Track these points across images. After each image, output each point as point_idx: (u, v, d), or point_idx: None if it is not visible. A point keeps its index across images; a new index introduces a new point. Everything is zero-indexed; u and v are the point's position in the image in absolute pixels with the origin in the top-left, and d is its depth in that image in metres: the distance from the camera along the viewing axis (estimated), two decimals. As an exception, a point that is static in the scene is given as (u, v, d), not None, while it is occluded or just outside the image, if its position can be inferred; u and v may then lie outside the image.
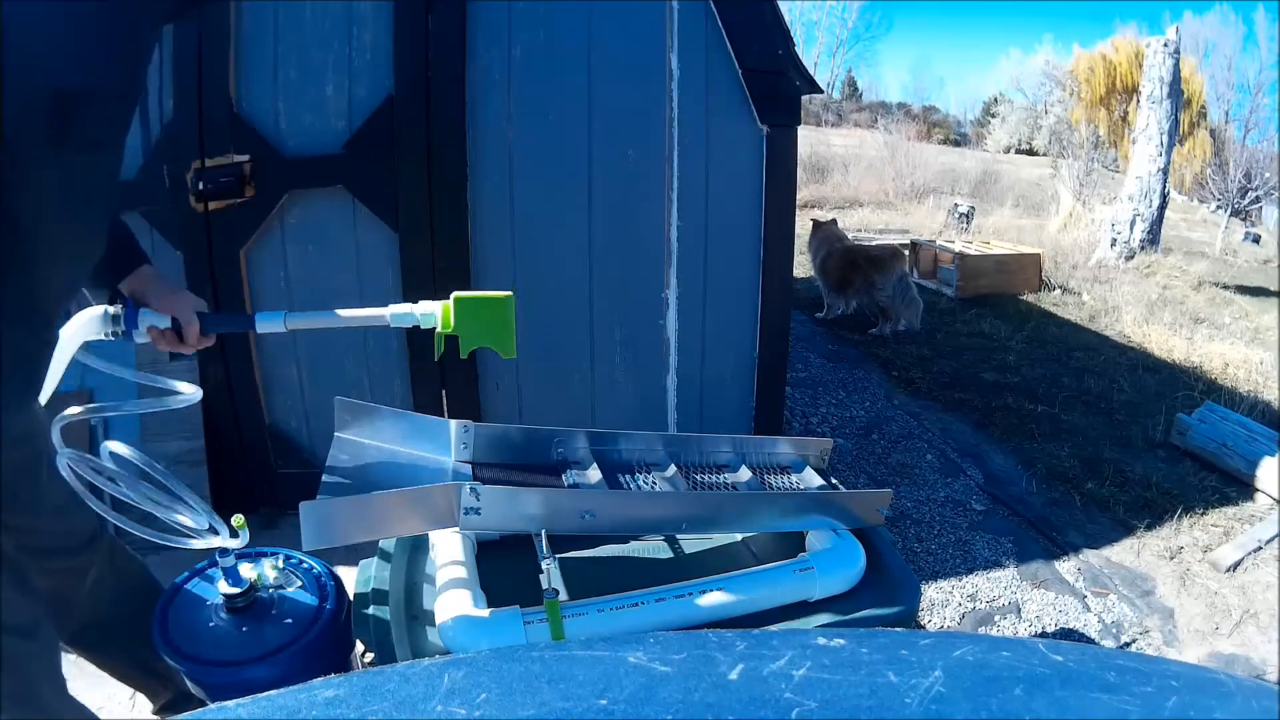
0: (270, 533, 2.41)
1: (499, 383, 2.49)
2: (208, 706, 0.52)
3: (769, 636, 0.55)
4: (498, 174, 2.31)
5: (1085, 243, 8.17)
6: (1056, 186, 11.19)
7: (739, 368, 2.57)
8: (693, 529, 1.22)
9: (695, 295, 2.47)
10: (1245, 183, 11.81)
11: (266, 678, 1.14)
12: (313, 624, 1.21)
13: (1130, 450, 3.42)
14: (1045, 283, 6.46)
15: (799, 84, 2.31)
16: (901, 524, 2.74)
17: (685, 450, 1.38)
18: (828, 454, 1.45)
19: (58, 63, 0.90)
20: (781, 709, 0.45)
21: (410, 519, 1.02)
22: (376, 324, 1.22)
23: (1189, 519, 2.83)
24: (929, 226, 9.54)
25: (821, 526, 1.25)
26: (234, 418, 2.40)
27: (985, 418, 3.72)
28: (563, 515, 1.08)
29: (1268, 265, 9.33)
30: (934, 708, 0.46)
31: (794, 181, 2.46)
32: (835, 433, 3.46)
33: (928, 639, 0.56)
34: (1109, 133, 16.48)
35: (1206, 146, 15.53)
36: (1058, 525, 2.80)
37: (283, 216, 2.28)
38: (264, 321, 1.20)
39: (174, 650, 1.18)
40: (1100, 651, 0.61)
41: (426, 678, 0.50)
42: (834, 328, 5.19)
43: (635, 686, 0.47)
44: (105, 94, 0.96)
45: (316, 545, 0.95)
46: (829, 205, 10.60)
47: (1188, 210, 14.22)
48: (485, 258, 2.36)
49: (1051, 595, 2.39)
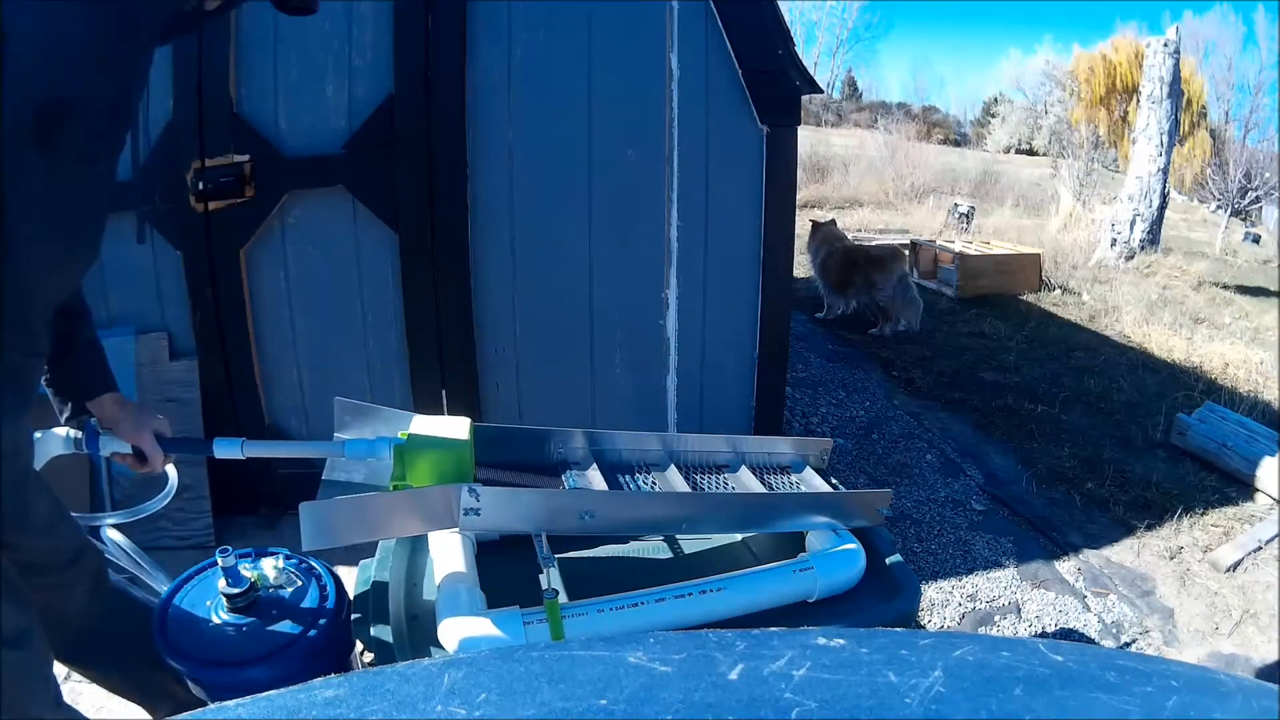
0: (270, 533, 2.41)
1: (499, 383, 2.49)
2: (208, 706, 0.52)
3: (769, 636, 0.55)
4: (498, 174, 2.31)
5: (1085, 243, 8.17)
6: (1056, 186, 11.19)
7: (739, 368, 2.57)
8: (693, 529, 1.23)
9: (695, 295, 2.47)
10: (1245, 183, 11.81)
11: (266, 678, 1.14)
12: (313, 624, 1.21)
13: (1130, 450, 3.42)
14: (1045, 283, 6.46)
15: (799, 84, 2.31)
16: (901, 524, 2.74)
17: (685, 450, 1.38)
18: (828, 454, 1.45)
19: (44, 70, 0.90)
20: (781, 709, 0.45)
21: (410, 519, 1.02)
22: (331, 454, 1.20)
23: (1189, 519, 2.83)
24: (929, 226, 9.53)
25: (821, 526, 1.25)
26: (234, 418, 2.40)
27: (985, 418, 3.72)
28: (563, 515, 1.08)
29: (1268, 265, 9.33)
30: (934, 708, 0.46)
31: (794, 181, 2.46)
32: (835, 433, 3.46)
33: (928, 639, 0.56)
34: (1109, 133, 16.50)
35: (1206, 146, 15.54)
36: (1058, 525, 2.80)
37: (283, 216, 2.28)
38: (222, 448, 1.20)
39: (174, 650, 1.18)
40: (1100, 651, 0.61)
41: (426, 678, 0.50)
42: (834, 328, 5.19)
43: (635, 686, 0.47)
44: (92, 106, 0.96)
45: (316, 545, 0.95)
46: (829, 205, 10.60)
47: (1188, 210, 14.22)
48: (485, 258, 2.36)
49: (1051, 595, 2.39)
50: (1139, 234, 7.76)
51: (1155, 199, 7.76)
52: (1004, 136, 22.72)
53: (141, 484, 2.30)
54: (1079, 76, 17.49)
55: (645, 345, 2.50)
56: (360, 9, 2.18)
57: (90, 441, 1.19)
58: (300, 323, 2.37)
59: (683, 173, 2.36)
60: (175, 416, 2.32)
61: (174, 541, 2.30)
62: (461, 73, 2.22)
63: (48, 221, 0.98)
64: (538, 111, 2.29)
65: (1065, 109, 19.12)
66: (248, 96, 2.21)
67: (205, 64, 2.15)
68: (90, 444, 1.19)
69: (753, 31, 2.26)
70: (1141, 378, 4.37)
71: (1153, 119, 7.67)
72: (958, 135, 24.85)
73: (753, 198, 2.40)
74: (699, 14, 2.25)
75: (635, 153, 2.34)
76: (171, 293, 2.30)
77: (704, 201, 2.39)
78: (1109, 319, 5.66)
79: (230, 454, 1.20)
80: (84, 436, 1.19)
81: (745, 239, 2.44)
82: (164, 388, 2.30)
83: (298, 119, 2.23)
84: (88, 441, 1.19)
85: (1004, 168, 15.08)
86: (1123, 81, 16.17)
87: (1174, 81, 7.65)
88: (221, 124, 2.18)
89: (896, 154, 13.00)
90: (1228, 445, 3.20)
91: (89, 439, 1.19)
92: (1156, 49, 7.70)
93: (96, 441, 1.19)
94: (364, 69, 2.21)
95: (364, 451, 1.16)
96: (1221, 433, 3.26)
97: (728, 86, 2.30)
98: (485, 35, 2.23)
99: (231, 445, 1.20)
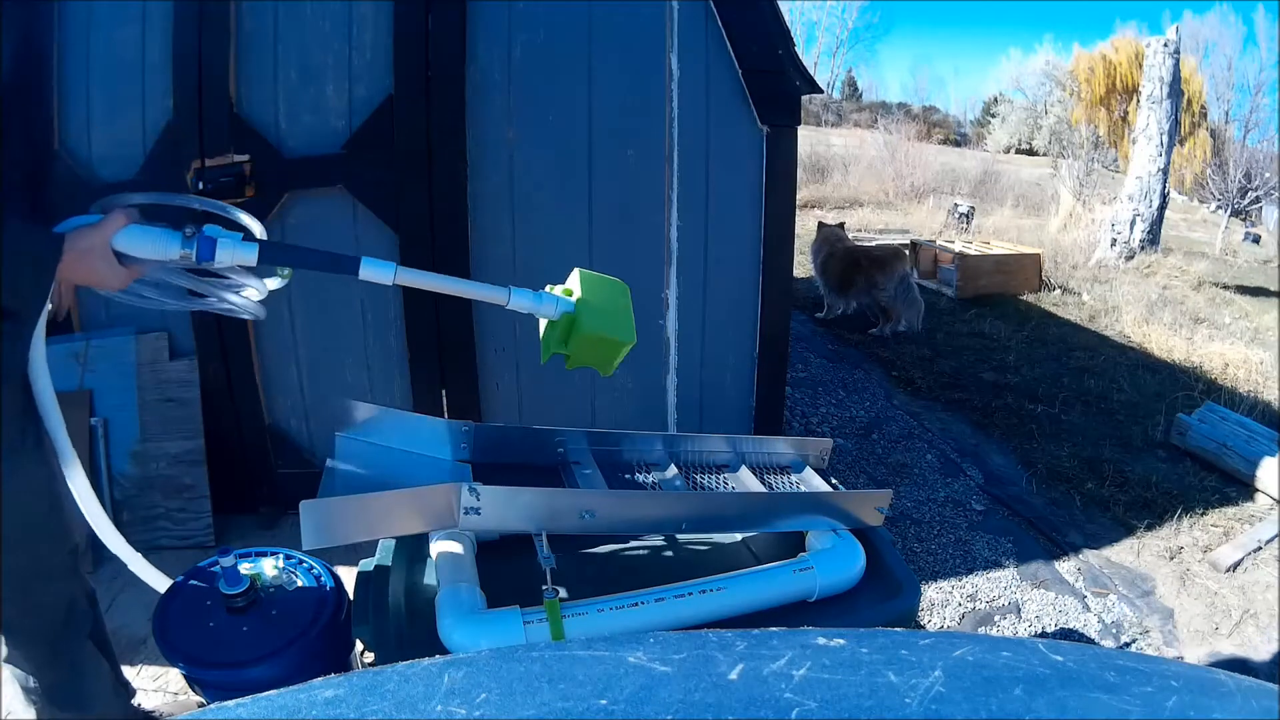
0: (270, 533, 2.41)
1: (499, 383, 2.49)
2: (208, 706, 0.52)
3: (769, 636, 0.55)
4: (498, 174, 2.31)
5: (1085, 243, 8.17)
6: (1056, 186, 11.18)
7: (739, 368, 2.57)
8: (693, 529, 1.22)
9: (695, 295, 2.47)
10: (1245, 183, 11.81)
11: (266, 678, 1.14)
12: (313, 624, 1.22)
13: (1130, 450, 3.42)
14: (1045, 283, 6.46)
15: (799, 84, 2.31)
16: (901, 524, 2.74)
17: (685, 450, 1.38)
18: (828, 454, 1.45)
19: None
20: (781, 709, 0.45)
21: (410, 519, 1.02)
22: (493, 301, 1.12)
23: (1189, 519, 2.83)
24: (929, 226, 9.53)
25: (821, 526, 1.25)
26: (234, 418, 2.40)
27: (985, 418, 3.72)
28: (563, 515, 1.08)
29: (1268, 265, 9.33)
30: (934, 708, 0.46)
31: (794, 182, 2.46)
32: (835, 433, 3.46)
33: (928, 639, 0.56)
34: (1109, 133, 16.51)
35: (1206, 146, 15.54)
36: (1058, 525, 2.80)
37: (283, 216, 2.28)
38: (370, 268, 1.06)
39: (174, 650, 1.18)
40: (1100, 651, 0.61)
41: (426, 678, 0.50)
42: (834, 328, 5.18)
43: (635, 686, 0.47)
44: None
45: (316, 545, 0.95)
46: (829, 205, 10.60)
47: (1188, 210, 14.22)
48: (485, 258, 2.36)
49: (1051, 595, 2.39)
50: (1139, 234, 7.76)
51: (1155, 199, 7.76)
52: (1004, 136, 22.71)
53: (142, 484, 2.30)
54: (1079, 76, 17.50)
55: (645, 345, 2.50)
56: (360, 9, 2.18)
57: (204, 248, 1.00)
58: (300, 323, 2.37)
59: (683, 173, 2.35)
60: (175, 417, 2.32)
61: (174, 541, 2.31)
62: (461, 73, 2.22)
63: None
64: (538, 111, 2.29)
65: (1065, 109, 19.14)
66: (247, 96, 2.21)
67: (205, 64, 2.15)
68: (204, 251, 1.00)
69: (753, 31, 2.26)
70: (1141, 378, 4.37)
71: (1153, 119, 7.67)
72: (958, 135, 24.84)
73: (753, 198, 2.40)
74: (699, 14, 2.25)
75: (635, 152, 2.34)
76: (171, 292, 2.30)
77: (704, 201, 2.39)
78: (1109, 319, 5.66)
79: (380, 277, 1.06)
80: (196, 243, 1.00)
81: (745, 239, 2.44)
82: (164, 388, 2.30)
83: (297, 119, 2.23)
84: (200, 249, 1.00)
85: (1004, 168, 15.07)
86: (1123, 81, 16.19)
87: (1174, 81, 7.65)
88: (221, 124, 2.18)
89: (896, 154, 12.99)
90: (1228, 445, 3.20)
91: (203, 246, 1.01)
92: (1156, 49, 7.70)
93: (213, 249, 1.01)
94: (364, 69, 2.21)
95: (529, 303, 1.11)
96: (1221, 433, 3.26)
97: (728, 86, 2.30)
98: (485, 35, 2.23)
99: (384, 268, 1.06)
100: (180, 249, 1.01)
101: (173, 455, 2.31)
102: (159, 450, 2.31)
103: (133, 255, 1.02)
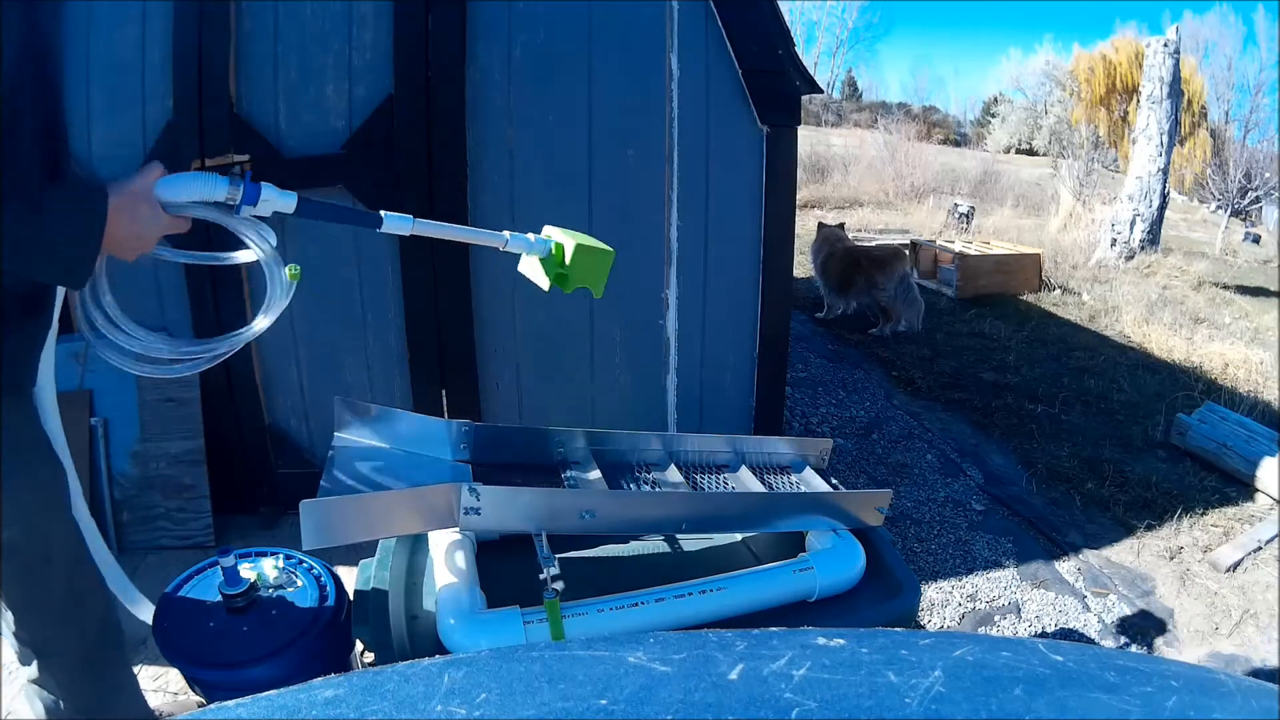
0: (270, 533, 2.41)
1: (499, 383, 2.49)
2: (208, 706, 0.52)
3: (769, 636, 0.55)
4: (498, 174, 2.31)
5: (1085, 243, 8.17)
6: (1056, 186, 11.18)
7: (739, 368, 2.57)
8: (693, 529, 1.22)
9: (695, 295, 2.47)
10: (1245, 183, 11.80)
11: (266, 678, 1.14)
12: (313, 624, 1.21)
13: (1130, 450, 3.42)
14: (1045, 283, 6.46)
15: (799, 84, 2.31)
16: (901, 524, 2.74)
17: (685, 450, 1.38)
18: (827, 454, 1.45)
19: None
20: (781, 709, 0.45)
21: (410, 519, 1.02)
22: (492, 244, 1.28)
23: (1189, 519, 2.83)
24: (929, 226, 9.53)
25: (821, 526, 1.25)
26: (234, 418, 2.40)
27: (985, 418, 3.72)
28: (563, 515, 1.08)
29: (1268, 265, 9.33)
30: (934, 708, 0.46)
31: (794, 182, 2.46)
32: (835, 433, 3.46)
33: (928, 639, 0.56)
34: (1109, 133, 16.52)
35: (1206, 146, 15.55)
36: (1058, 525, 2.80)
37: (283, 216, 2.28)
38: (392, 222, 1.18)
39: (174, 650, 1.18)
40: (1100, 651, 0.61)
41: (426, 678, 0.50)
42: (834, 328, 5.18)
43: (635, 686, 0.47)
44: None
45: (316, 545, 0.95)
46: (829, 205, 10.60)
47: (1188, 210, 14.22)
48: (485, 257, 2.36)
49: (1051, 595, 2.39)
50: (1139, 234, 7.76)
51: (1155, 199, 7.76)
52: (1004, 136, 22.72)
53: (142, 484, 2.30)
54: (1079, 76, 17.50)
55: (645, 345, 2.50)
56: (360, 9, 2.18)
57: (250, 191, 1.03)
58: (300, 323, 2.37)
59: (683, 173, 2.35)
60: (175, 417, 2.32)
61: (174, 541, 2.31)
62: (461, 73, 2.22)
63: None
64: (538, 111, 2.29)
65: (1065, 109, 19.15)
66: (247, 96, 2.21)
67: (205, 63, 2.14)
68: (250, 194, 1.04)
69: (753, 32, 2.26)
70: (1141, 378, 4.37)
71: (1153, 119, 7.67)
72: (958, 135, 24.85)
73: (753, 198, 2.40)
74: (699, 14, 2.25)
75: (635, 152, 2.34)
76: (171, 293, 2.30)
77: (704, 201, 2.39)
78: (1109, 319, 5.66)
79: (400, 228, 1.18)
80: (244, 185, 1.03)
81: (745, 239, 2.44)
82: (164, 387, 2.30)
83: (297, 118, 2.23)
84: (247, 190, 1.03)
85: (1004, 168, 15.08)
86: (1123, 81, 16.19)
87: (1174, 81, 7.65)
88: (221, 123, 2.18)
89: (896, 154, 12.99)
90: (1228, 445, 3.20)
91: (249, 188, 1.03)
92: (1156, 49, 7.70)
93: (257, 192, 1.04)
94: (364, 69, 2.21)
95: (526, 245, 1.30)
96: (1221, 433, 3.26)
97: (728, 86, 2.30)
98: (485, 35, 2.23)
99: (403, 221, 1.18)
100: (227, 190, 1.05)
101: (173, 455, 2.31)
102: (159, 450, 2.31)
103: (175, 200, 1.05)
